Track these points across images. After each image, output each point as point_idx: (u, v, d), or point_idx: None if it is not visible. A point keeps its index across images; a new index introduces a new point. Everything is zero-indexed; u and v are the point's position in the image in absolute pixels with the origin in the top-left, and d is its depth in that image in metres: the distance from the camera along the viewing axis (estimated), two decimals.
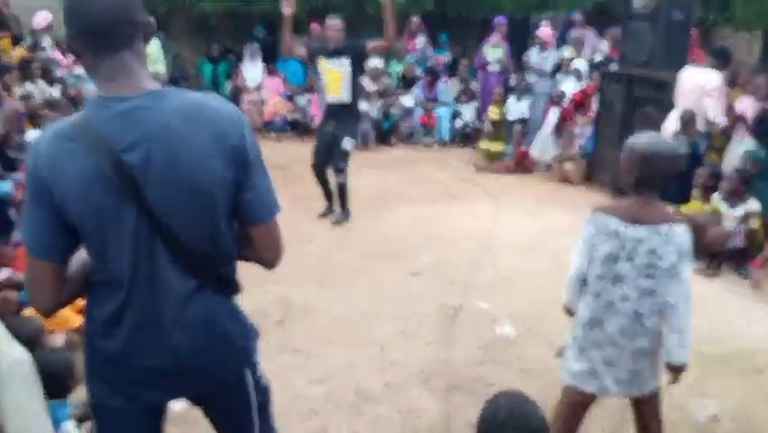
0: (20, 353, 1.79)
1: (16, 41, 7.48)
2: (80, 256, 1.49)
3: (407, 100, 9.01)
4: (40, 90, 6.07)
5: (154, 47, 6.73)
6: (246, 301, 3.93)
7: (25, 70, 6.07)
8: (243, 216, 1.50)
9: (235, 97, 9.19)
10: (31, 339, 2.53)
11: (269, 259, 1.60)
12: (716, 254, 4.80)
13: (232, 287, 1.58)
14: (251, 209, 1.48)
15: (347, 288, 4.30)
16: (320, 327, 3.75)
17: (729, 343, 3.78)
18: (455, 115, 8.86)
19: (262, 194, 1.49)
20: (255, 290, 4.13)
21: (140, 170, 1.35)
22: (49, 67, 6.59)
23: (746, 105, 5.47)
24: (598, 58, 7.70)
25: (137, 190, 1.35)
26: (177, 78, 8.99)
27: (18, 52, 6.93)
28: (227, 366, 1.58)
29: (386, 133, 8.70)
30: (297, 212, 5.74)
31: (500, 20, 8.52)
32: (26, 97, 5.46)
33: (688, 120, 5.48)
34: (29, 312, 2.90)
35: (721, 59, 5.70)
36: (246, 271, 4.52)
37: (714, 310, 4.19)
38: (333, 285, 4.33)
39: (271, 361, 3.30)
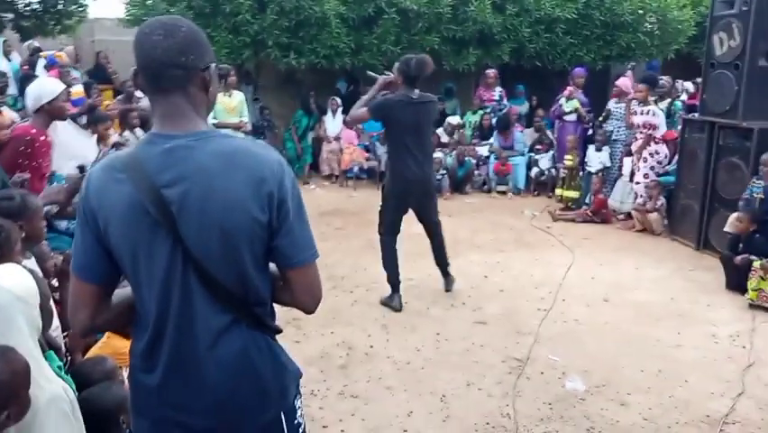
0: (59, 388, 1.79)
1: (118, 93, 8.14)
2: (128, 288, 1.56)
3: (483, 149, 9.08)
4: (135, 138, 6.53)
5: (238, 98, 7.09)
6: (311, 343, 4.08)
7: (125, 120, 6.56)
8: (278, 260, 1.52)
9: (317, 148, 9.59)
10: (102, 381, 2.62)
11: (305, 304, 1.59)
12: None
13: (269, 326, 1.57)
14: (286, 254, 1.50)
15: (412, 334, 4.29)
16: (382, 373, 3.74)
17: None
18: (531, 164, 8.81)
19: (298, 239, 1.50)
20: (321, 332, 4.24)
21: (177, 207, 1.40)
22: (147, 117, 7.09)
23: None
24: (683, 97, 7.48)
25: (173, 225, 1.40)
26: (261, 128, 9.47)
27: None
28: (260, 407, 1.56)
29: (460, 181, 8.75)
30: (366, 257, 5.82)
31: (578, 71, 8.49)
32: (120, 144, 5.89)
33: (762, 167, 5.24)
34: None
35: None
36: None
37: None
38: (399, 330, 4.33)
39: (330, 406, 3.35)
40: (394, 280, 4.78)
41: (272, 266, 1.56)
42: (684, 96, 7.82)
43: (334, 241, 6.34)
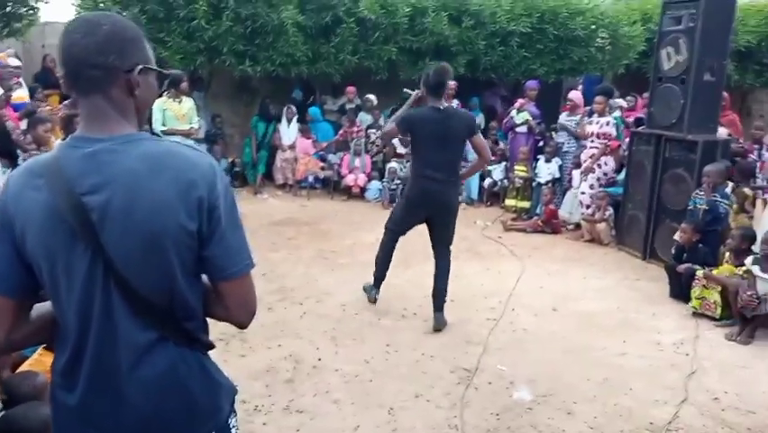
0: None
1: (65, 98, 7.89)
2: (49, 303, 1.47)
3: None
4: None
5: (189, 105, 6.95)
6: (257, 357, 3.99)
7: (68, 125, 6.34)
8: (210, 272, 1.44)
9: (272, 156, 9.48)
10: (30, 396, 2.50)
11: (239, 318, 1.50)
12: (750, 319, 4.58)
13: (200, 342, 1.48)
14: (218, 264, 1.41)
15: (362, 345, 4.24)
16: (329, 386, 3.67)
17: (761, 413, 3.55)
18: (484, 175, 8.88)
19: (231, 249, 1.42)
20: (267, 345, 4.15)
21: (98, 215, 1.31)
22: None
23: None
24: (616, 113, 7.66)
25: (93, 235, 1.32)
26: (213, 136, 9.31)
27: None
28: (190, 427, 1.47)
29: None
30: (317, 267, 5.77)
31: (531, 84, 8.63)
32: None
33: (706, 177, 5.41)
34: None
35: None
36: (259, 325, 4.54)
37: (744, 378, 3.98)
38: (348, 342, 4.27)
39: (274, 422, 3.28)
40: (379, 274, 4.84)
41: (204, 277, 1.48)
42: (618, 113, 8.03)
43: (285, 251, 6.25)
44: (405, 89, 4.92)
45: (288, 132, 9.41)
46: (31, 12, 10.62)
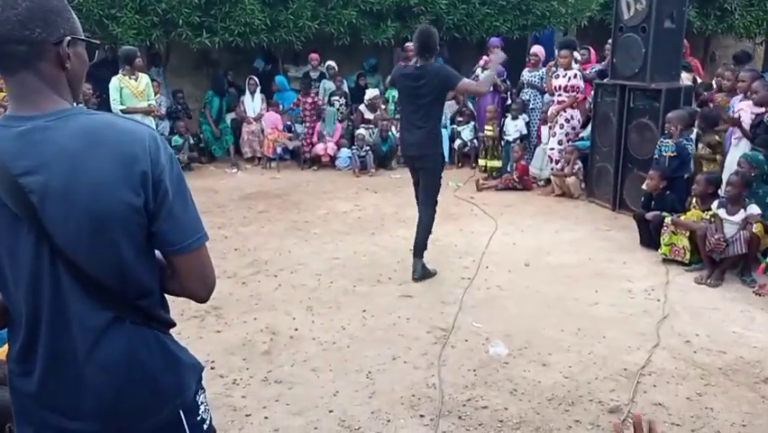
0: None
1: None
2: None
3: None
4: None
5: (145, 81, 6.75)
6: (233, 331, 3.96)
7: None
8: (161, 247, 1.39)
9: (237, 129, 9.32)
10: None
11: (196, 292, 1.46)
12: (718, 262, 4.67)
13: (158, 320, 1.45)
14: (169, 239, 1.37)
15: (338, 313, 4.23)
16: (307, 356, 3.66)
17: (731, 352, 3.64)
18: (453, 135, 8.86)
19: (181, 223, 1.37)
20: (243, 318, 4.12)
21: (38, 196, 1.26)
22: None
23: (743, 109, 5.36)
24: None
25: (35, 218, 1.26)
26: (176, 112, 9.11)
27: None
28: (155, 407, 1.44)
29: (384, 156, 8.71)
30: (291, 239, 5.72)
31: (493, 41, 8.55)
32: None
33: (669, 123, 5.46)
34: None
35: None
36: (234, 299, 4.51)
37: (714, 320, 4.07)
38: (324, 311, 4.26)
39: (253, 394, 3.26)
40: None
41: (158, 253, 1.44)
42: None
43: (257, 225, 6.18)
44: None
45: (253, 104, 9.24)
46: None
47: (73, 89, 1.38)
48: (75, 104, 1.40)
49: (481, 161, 8.02)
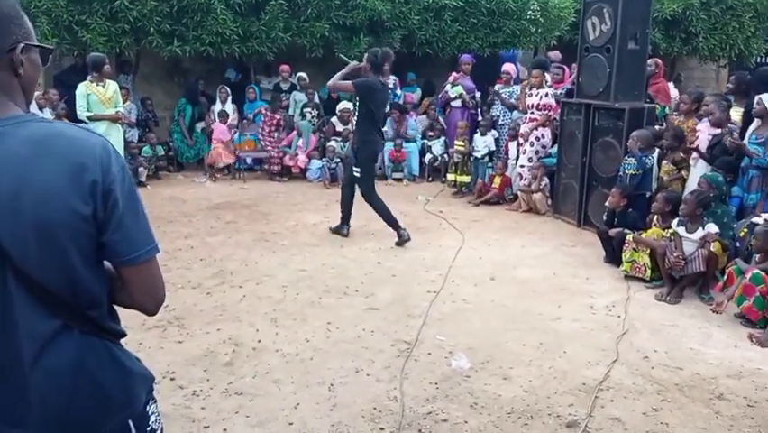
0: None
1: None
2: None
3: None
4: None
5: (113, 88, 6.68)
6: (195, 342, 3.92)
7: None
8: (111, 258, 1.38)
9: (207, 138, 9.25)
10: None
11: (144, 305, 1.46)
12: (678, 280, 4.78)
13: (108, 330, 1.43)
14: (118, 250, 1.36)
15: (302, 325, 4.21)
16: (269, 367, 3.63)
17: (687, 368, 3.71)
18: (424, 150, 8.93)
19: (131, 234, 1.36)
20: (206, 329, 4.08)
21: None
22: None
23: (701, 130, 5.52)
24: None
25: None
26: (145, 120, 9.03)
27: None
28: (103, 417, 1.42)
29: None
30: (258, 250, 5.70)
31: (465, 58, 8.69)
32: None
33: (632, 141, 5.62)
34: None
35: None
36: (198, 310, 4.46)
37: (672, 336, 4.15)
38: (288, 323, 4.24)
39: (212, 406, 3.22)
40: (394, 221, 5.85)
41: (108, 264, 1.42)
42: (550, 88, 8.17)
43: (224, 235, 6.14)
44: (339, 54, 6.35)
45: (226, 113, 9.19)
46: None
47: (26, 95, 1.37)
48: (27, 109, 1.39)
49: (450, 176, 8.10)
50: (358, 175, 5.87)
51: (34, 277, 1.29)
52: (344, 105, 9.24)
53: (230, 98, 9.21)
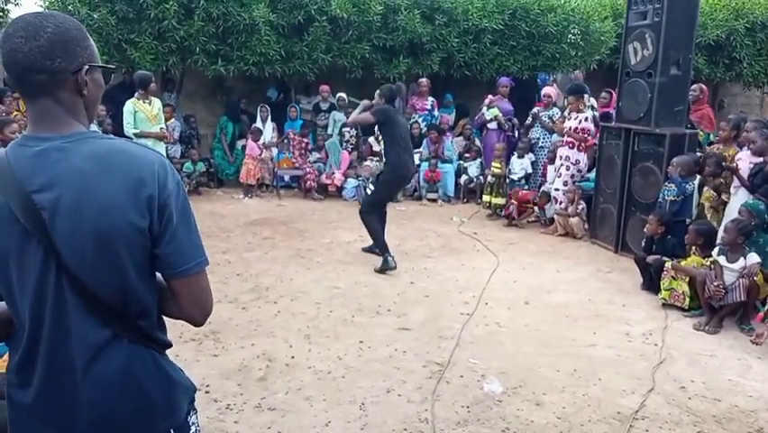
0: None
1: None
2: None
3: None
4: None
5: (158, 106, 6.89)
6: (230, 356, 3.99)
7: None
8: (163, 269, 1.45)
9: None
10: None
11: (193, 316, 1.51)
12: (717, 309, 4.67)
13: (155, 340, 1.50)
14: (170, 262, 1.42)
15: (335, 343, 4.25)
16: (302, 384, 3.68)
17: (725, 400, 3.62)
18: (460, 171, 8.95)
19: (184, 247, 1.43)
20: (240, 344, 4.15)
21: (49, 213, 1.32)
22: None
23: (742, 159, 5.42)
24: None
25: (45, 234, 1.32)
26: (188, 137, 9.26)
27: None
28: (145, 425, 1.49)
29: None
30: (293, 266, 5.78)
31: (503, 81, 8.72)
32: None
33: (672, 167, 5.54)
34: None
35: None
36: (233, 324, 4.54)
37: (711, 367, 4.05)
38: (321, 340, 4.28)
39: (245, 420, 3.28)
40: (383, 246, 5.77)
41: (159, 276, 1.49)
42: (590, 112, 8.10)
43: (261, 251, 6.24)
44: (350, 98, 6.76)
45: (264, 132, 9.38)
46: (0, 14, 10.47)
47: (89, 113, 1.45)
48: (90, 126, 1.48)
49: (486, 198, 8.08)
50: (369, 192, 6.18)
51: (90, 286, 1.36)
52: None
53: (270, 117, 9.40)
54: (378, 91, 5.98)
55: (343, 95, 9.60)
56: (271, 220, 7.57)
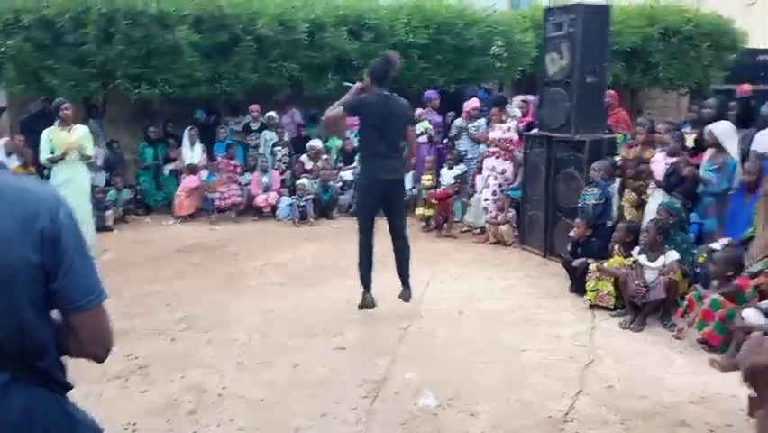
0: None
1: None
2: None
3: (347, 174, 9.19)
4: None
5: (78, 133, 6.65)
6: (158, 391, 3.86)
7: None
8: (60, 305, 1.42)
9: (177, 179, 9.24)
10: None
11: (95, 352, 1.49)
12: (640, 307, 4.85)
13: (55, 381, 1.46)
14: (66, 297, 1.40)
15: (268, 369, 4.17)
16: (234, 414, 3.59)
17: (651, 396, 3.75)
18: None
19: (80, 280, 1.41)
20: (170, 377, 4.02)
21: None
22: None
23: (658, 160, 5.67)
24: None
25: None
26: (113, 163, 9.00)
27: None
28: None
29: (326, 206, 8.77)
30: (226, 292, 5.66)
31: (429, 94, 8.85)
32: None
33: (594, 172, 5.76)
34: None
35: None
36: (162, 357, 4.39)
37: (636, 364, 4.19)
38: (254, 367, 4.20)
39: None
40: (364, 278, 4.93)
41: (56, 314, 1.45)
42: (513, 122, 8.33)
43: (192, 278, 6.10)
44: (344, 82, 5.28)
45: (192, 154, 9.20)
46: None
47: None
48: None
49: (419, 210, 8.16)
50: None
51: None
52: (314, 142, 9.34)
53: (198, 139, 9.24)
54: (365, 70, 4.89)
55: (273, 114, 9.51)
56: (203, 245, 7.41)
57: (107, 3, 8.12)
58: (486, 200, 7.34)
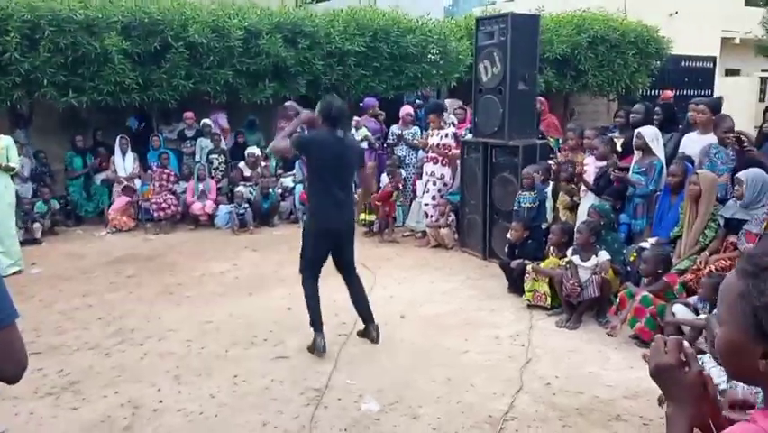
0: None
1: None
2: None
3: (287, 180, 9.12)
4: None
5: (2, 144, 6.35)
6: (91, 407, 3.71)
7: None
8: None
9: (108, 188, 8.93)
10: None
11: (7, 372, 1.42)
12: (575, 306, 4.99)
13: None
14: None
15: (207, 381, 4.07)
16: (171, 429, 3.48)
17: (587, 392, 3.86)
18: None
19: None
20: (103, 393, 3.87)
21: None
22: None
23: (588, 164, 5.87)
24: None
25: None
26: (40, 174, 8.62)
27: None
28: None
29: (266, 213, 8.66)
30: (161, 304, 5.51)
31: (369, 101, 8.88)
32: None
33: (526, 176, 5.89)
34: None
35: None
36: (94, 372, 4.22)
37: (573, 361, 4.31)
38: (192, 379, 4.09)
39: None
40: (315, 318, 4.50)
41: None
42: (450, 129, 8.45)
43: (125, 290, 5.89)
44: (290, 101, 5.00)
45: (124, 164, 8.92)
46: None
47: None
48: None
49: (361, 216, 8.16)
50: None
51: None
52: (251, 150, 9.20)
53: (129, 148, 8.96)
54: (318, 105, 4.47)
55: (208, 121, 9.32)
56: (137, 256, 7.17)
57: (30, 9, 7.79)
58: (426, 205, 7.42)
